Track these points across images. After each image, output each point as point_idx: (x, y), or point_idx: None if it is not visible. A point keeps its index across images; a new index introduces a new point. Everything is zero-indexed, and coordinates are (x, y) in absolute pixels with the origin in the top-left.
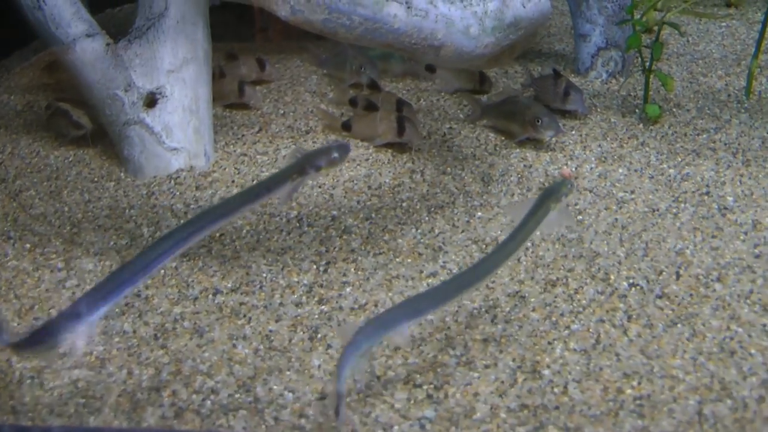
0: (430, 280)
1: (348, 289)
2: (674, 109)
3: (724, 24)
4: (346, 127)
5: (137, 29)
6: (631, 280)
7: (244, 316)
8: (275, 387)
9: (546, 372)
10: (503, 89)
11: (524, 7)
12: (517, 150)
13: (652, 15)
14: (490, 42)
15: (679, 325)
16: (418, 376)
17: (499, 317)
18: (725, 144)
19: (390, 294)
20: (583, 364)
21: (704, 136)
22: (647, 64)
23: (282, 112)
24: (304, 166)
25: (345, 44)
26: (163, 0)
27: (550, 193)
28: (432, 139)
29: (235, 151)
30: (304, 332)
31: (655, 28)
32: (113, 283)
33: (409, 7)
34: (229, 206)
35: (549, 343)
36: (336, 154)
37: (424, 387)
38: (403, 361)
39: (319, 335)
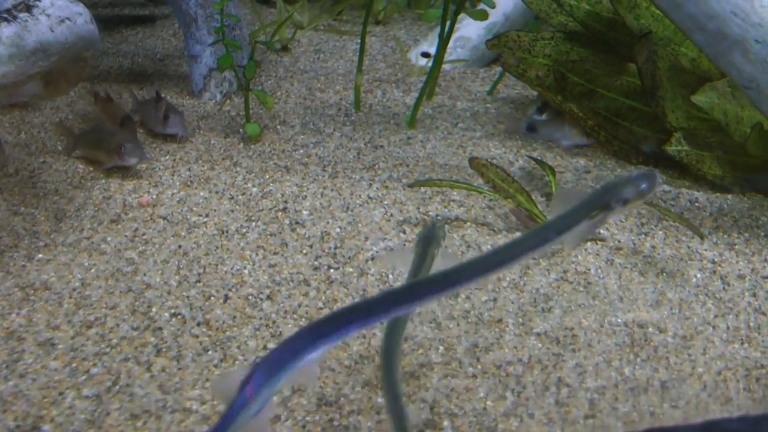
0: None
1: None
2: (279, 126)
3: None
4: None
5: None
6: (173, 310)
7: None
8: None
9: (47, 427)
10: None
11: (53, 31)
12: (103, 180)
13: (284, 33)
14: (8, 71)
15: (210, 352)
16: None
17: (18, 371)
18: (319, 158)
19: None
20: (89, 412)
21: (301, 151)
22: (245, 84)
23: None
24: (608, 200)
25: None
26: None
27: (430, 241)
28: (19, 176)
29: None
30: None
31: (289, 45)
32: (341, 319)
33: None
34: (506, 254)
35: (60, 393)
36: (645, 185)
37: None
38: None
39: None
